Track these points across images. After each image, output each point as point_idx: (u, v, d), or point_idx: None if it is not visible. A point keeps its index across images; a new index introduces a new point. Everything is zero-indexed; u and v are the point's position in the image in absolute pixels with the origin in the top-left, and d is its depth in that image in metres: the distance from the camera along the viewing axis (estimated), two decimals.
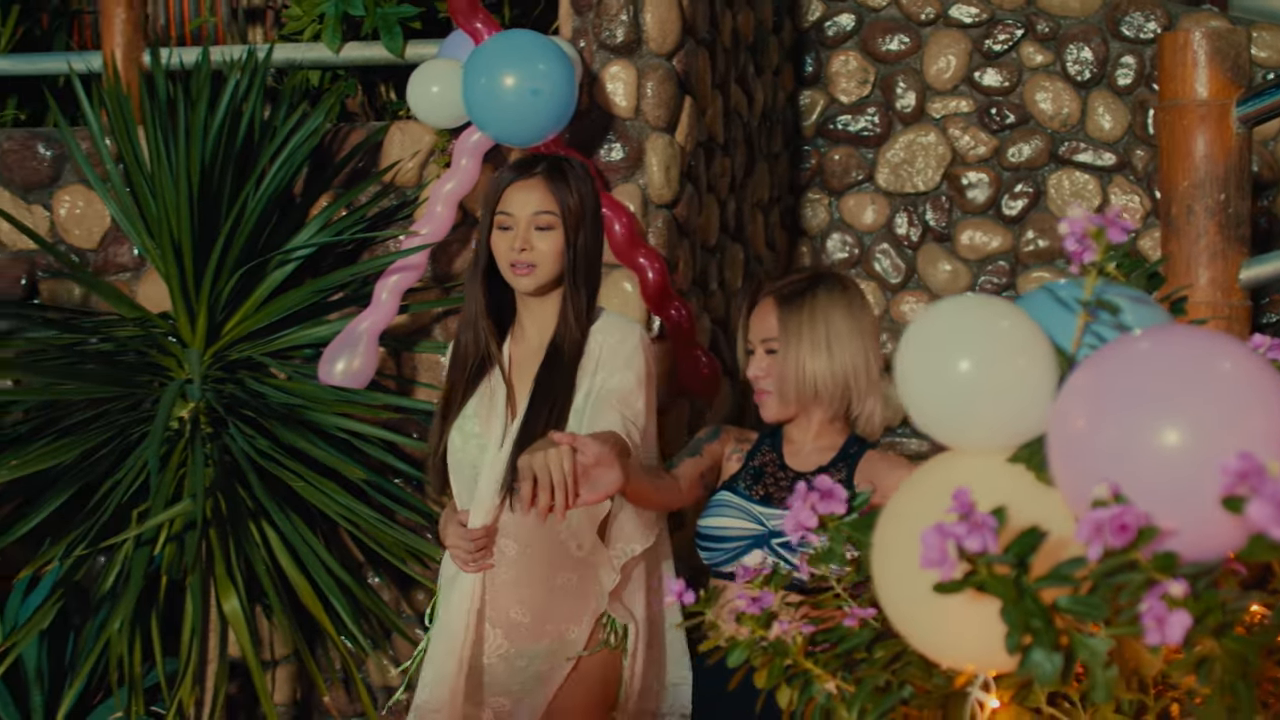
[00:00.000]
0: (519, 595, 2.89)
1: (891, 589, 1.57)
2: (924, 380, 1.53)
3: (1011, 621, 1.40)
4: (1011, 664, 1.58)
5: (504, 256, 2.86)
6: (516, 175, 2.87)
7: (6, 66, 4.54)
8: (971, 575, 1.39)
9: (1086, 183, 5.15)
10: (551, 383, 2.82)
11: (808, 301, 2.86)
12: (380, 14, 4.09)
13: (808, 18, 5.33)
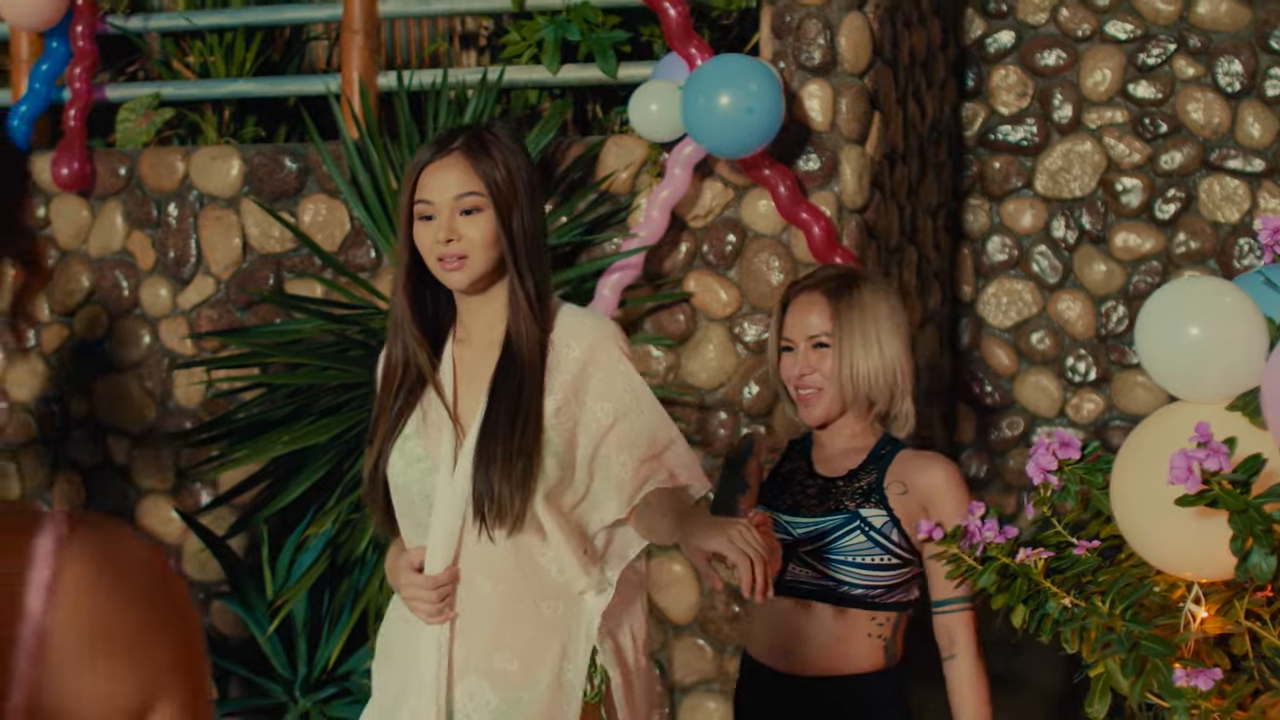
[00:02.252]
0: (502, 639, 2.43)
1: (1131, 511, 1.98)
2: (1162, 343, 1.94)
3: (1238, 528, 1.80)
4: (1227, 572, 1.98)
5: (429, 250, 2.43)
6: (432, 155, 2.46)
7: (252, 89, 5.07)
8: (1206, 491, 1.80)
9: (1237, 188, 5.47)
10: (511, 389, 2.41)
11: (858, 297, 2.75)
12: (595, 38, 4.55)
13: (970, 35, 5.71)
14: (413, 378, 2.49)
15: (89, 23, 5.12)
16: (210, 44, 5.24)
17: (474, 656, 2.43)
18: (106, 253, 5.10)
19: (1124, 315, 5.57)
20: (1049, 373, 5.65)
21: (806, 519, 2.76)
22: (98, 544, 1.05)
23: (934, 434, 5.42)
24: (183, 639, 1.07)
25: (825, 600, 2.76)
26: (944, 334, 5.57)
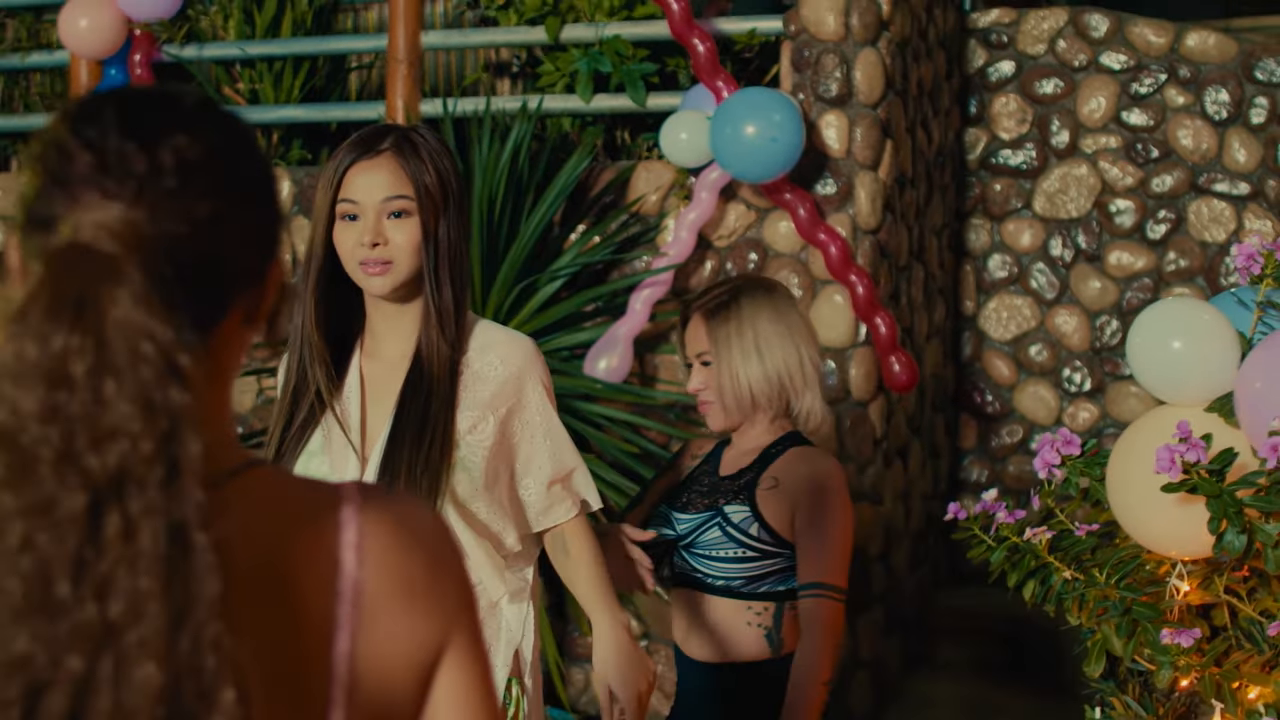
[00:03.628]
0: None
1: (1124, 497, 2.31)
2: (1149, 354, 2.27)
3: (1214, 511, 2.14)
4: (1205, 550, 2.32)
5: (351, 254, 2.32)
6: (359, 153, 2.35)
7: (301, 114, 5.41)
8: (1186, 479, 2.13)
9: (1223, 210, 5.81)
10: (418, 406, 2.34)
11: (733, 312, 2.86)
12: (625, 70, 4.89)
13: (973, 65, 6.05)
14: (313, 392, 2.38)
15: (146, 52, 5.46)
16: (260, 72, 5.57)
17: None
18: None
19: (1117, 329, 5.91)
20: (1047, 383, 5.99)
21: (687, 516, 2.89)
22: (389, 507, 1.17)
23: (939, 440, 5.75)
24: (464, 582, 1.19)
25: (701, 590, 2.89)
26: (947, 346, 5.91)
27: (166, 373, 0.97)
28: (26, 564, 0.93)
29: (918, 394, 5.26)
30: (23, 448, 0.94)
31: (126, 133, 1.04)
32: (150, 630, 0.94)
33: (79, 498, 0.94)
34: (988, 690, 5.14)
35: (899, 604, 5.14)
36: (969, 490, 6.03)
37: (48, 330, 0.96)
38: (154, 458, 0.96)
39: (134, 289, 0.98)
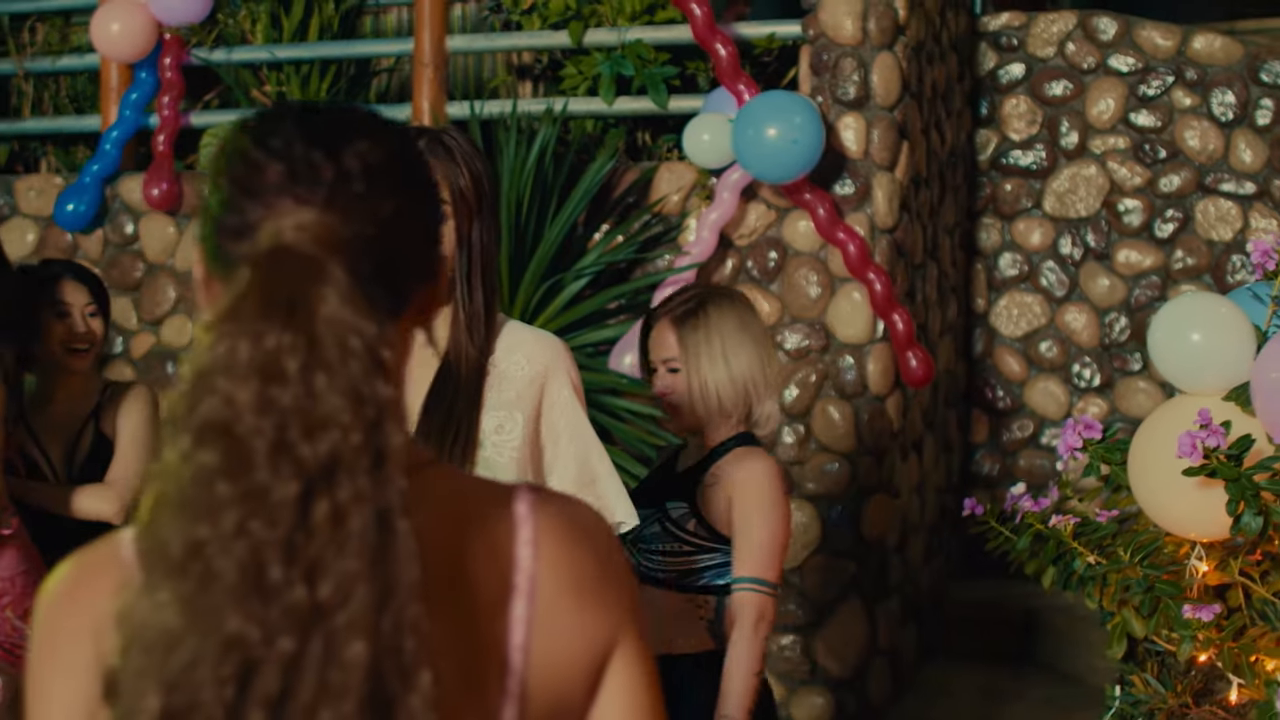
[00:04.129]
0: None
1: (1146, 481, 2.43)
2: (1170, 346, 2.39)
3: (1232, 494, 2.26)
4: (1223, 532, 2.44)
5: None
6: None
7: None
8: (1206, 464, 2.26)
9: (1229, 209, 5.93)
10: (444, 406, 2.34)
11: (701, 320, 2.92)
12: (647, 73, 5.01)
13: (984, 67, 6.17)
14: None
15: (176, 55, 5.58)
16: (287, 75, 5.69)
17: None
18: (192, 267, 5.54)
19: (1126, 326, 6.03)
20: (1056, 379, 6.11)
21: (641, 512, 2.88)
22: (561, 507, 1.20)
23: (951, 435, 5.88)
24: (631, 585, 1.21)
25: (647, 583, 2.97)
26: (959, 343, 6.03)
27: (372, 366, 1.03)
28: (241, 549, 0.98)
29: (931, 389, 5.38)
30: (239, 439, 0.99)
31: (311, 142, 1.11)
32: (358, 611, 0.98)
33: (292, 485, 0.99)
34: (1001, 679, 5.26)
35: (915, 595, 5.26)
36: (980, 484, 6.15)
37: (261, 329, 1.01)
38: (362, 447, 1.01)
39: (340, 288, 1.04)
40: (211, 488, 0.99)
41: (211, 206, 1.13)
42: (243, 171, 1.11)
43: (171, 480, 1.00)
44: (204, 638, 0.97)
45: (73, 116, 6.04)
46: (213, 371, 1.01)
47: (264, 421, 0.99)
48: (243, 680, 0.97)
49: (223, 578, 0.98)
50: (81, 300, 3.44)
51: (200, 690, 0.97)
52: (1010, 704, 5.02)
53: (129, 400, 3.47)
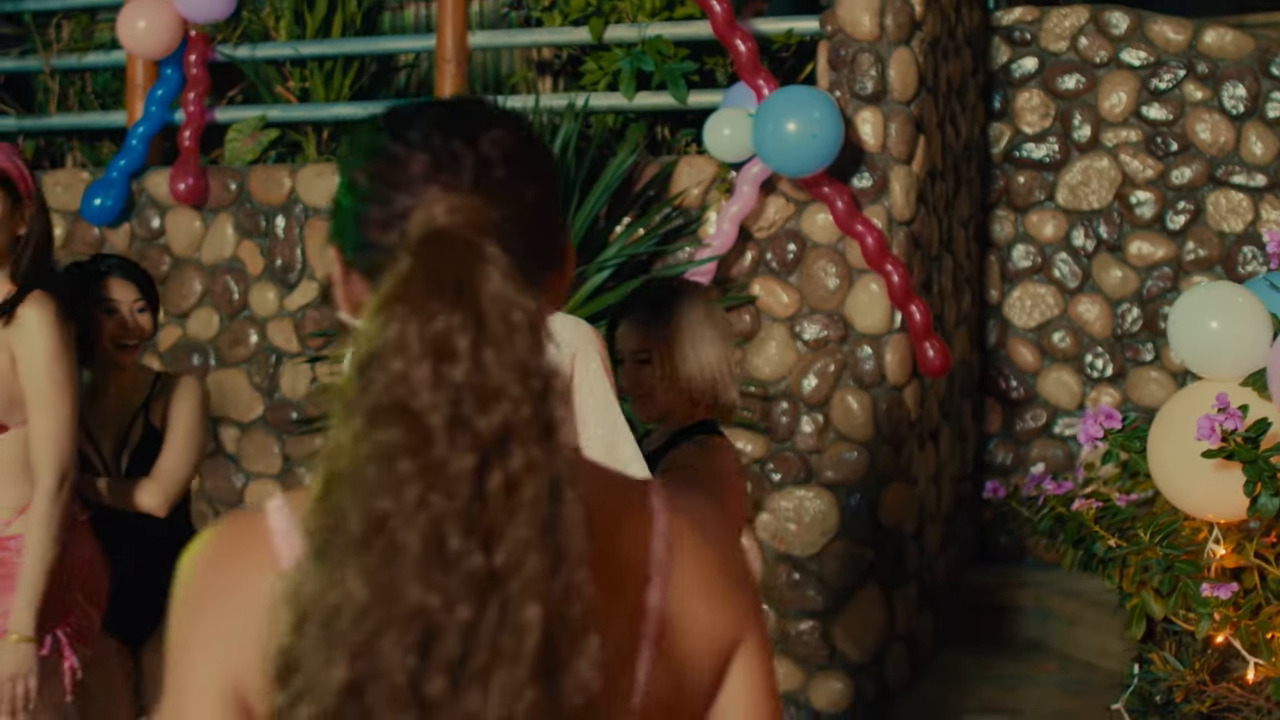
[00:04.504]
0: None
1: (1166, 464, 2.51)
2: (1189, 333, 2.47)
3: (1249, 475, 2.34)
4: (1240, 514, 2.52)
5: None
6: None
7: (352, 111, 5.61)
8: (1225, 446, 2.33)
9: (1241, 201, 6.01)
10: None
11: (672, 313, 2.98)
12: (667, 69, 5.09)
13: (997, 61, 6.25)
14: None
15: (202, 52, 5.66)
16: (311, 70, 5.77)
17: None
18: (218, 260, 5.64)
19: (1138, 317, 6.10)
20: (1069, 369, 6.18)
21: None
22: (689, 507, 1.23)
23: (965, 424, 5.95)
24: (754, 590, 1.24)
25: None
26: (973, 334, 6.11)
27: (535, 340, 1.06)
28: (423, 521, 1.01)
29: (947, 379, 5.46)
30: (417, 415, 1.02)
31: (449, 132, 1.15)
32: (531, 576, 1.02)
33: (469, 458, 1.02)
34: (1016, 664, 5.34)
35: (931, 582, 5.34)
36: (994, 473, 6.23)
37: (431, 310, 1.04)
38: (532, 418, 1.04)
39: (500, 266, 1.07)
40: (392, 464, 1.02)
41: (348, 203, 1.18)
42: (386, 165, 1.15)
43: (345, 459, 1.03)
44: (388, 608, 1.01)
45: (99, 112, 6.12)
46: (385, 353, 1.04)
47: (439, 397, 1.02)
48: (424, 648, 1.00)
49: (406, 550, 1.01)
50: (130, 297, 3.51)
51: (384, 659, 1.00)
52: (1025, 688, 5.10)
53: (179, 393, 3.54)
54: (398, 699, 1.00)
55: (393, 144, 1.16)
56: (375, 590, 1.01)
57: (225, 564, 1.17)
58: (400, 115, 1.19)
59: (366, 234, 1.16)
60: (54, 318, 3.10)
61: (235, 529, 1.20)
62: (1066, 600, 5.56)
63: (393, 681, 1.00)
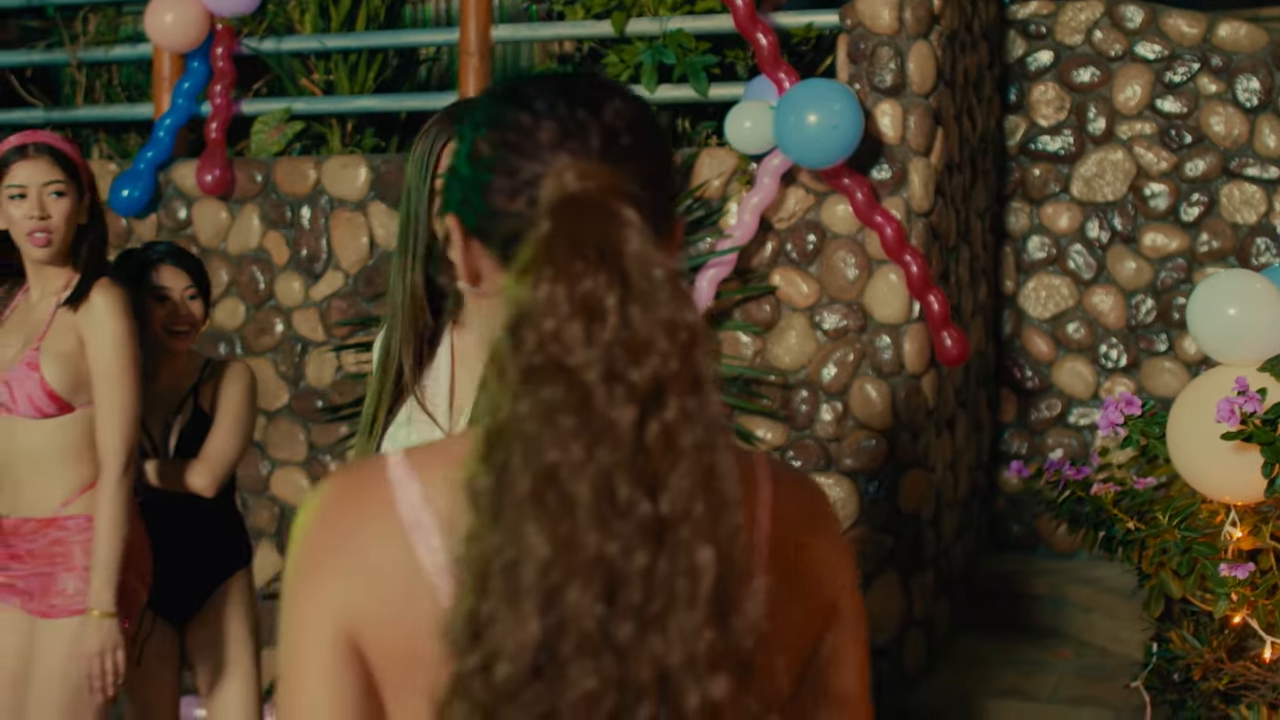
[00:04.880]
0: None
1: (1185, 446, 2.58)
2: (1208, 319, 2.54)
3: (1268, 456, 2.41)
4: (1258, 495, 2.59)
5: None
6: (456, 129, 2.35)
7: (377, 104, 5.69)
8: (1243, 428, 2.41)
9: (1254, 193, 6.06)
10: None
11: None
12: (688, 62, 5.16)
13: (1013, 54, 6.31)
14: (404, 370, 2.41)
15: (228, 45, 5.74)
16: (335, 63, 5.85)
17: None
18: (244, 250, 5.72)
19: (1152, 308, 6.17)
20: (1084, 359, 6.25)
21: None
22: (792, 479, 1.26)
23: (981, 414, 6.02)
24: (851, 565, 1.27)
25: None
26: (989, 324, 6.17)
27: (677, 295, 1.09)
28: (592, 472, 1.04)
29: (964, 368, 5.53)
30: (573, 372, 1.06)
31: (574, 102, 1.19)
32: (699, 521, 1.05)
33: (629, 410, 1.05)
34: (1031, 650, 5.41)
35: (948, 568, 5.42)
36: (1009, 462, 6.29)
37: (577, 270, 1.07)
38: (682, 370, 1.07)
39: (636, 227, 1.10)
40: (556, 420, 1.05)
41: (471, 172, 1.21)
42: (514, 134, 1.19)
43: (506, 417, 1.07)
44: (570, 560, 1.03)
45: (125, 105, 6.20)
46: (535, 313, 1.07)
47: (593, 354, 1.05)
48: (609, 595, 1.03)
49: (580, 502, 1.04)
50: (181, 284, 3.60)
51: (572, 609, 1.03)
52: (1040, 674, 5.17)
53: (228, 377, 3.63)
54: (589, 647, 1.03)
55: (520, 113, 1.19)
56: (556, 543, 1.04)
57: (343, 515, 1.20)
58: (524, 86, 1.22)
59: (493, 201, 1.20)
60: (122, 304, 3.23)
61: (354, 480, 1.23)
62: (1082, 587, 5.62)
63: (583, 630, 1.03)
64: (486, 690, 1.04)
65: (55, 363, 3.21)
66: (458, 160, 1.24)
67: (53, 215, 3.23)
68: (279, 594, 4.45)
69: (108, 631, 3.15)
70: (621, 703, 1.03)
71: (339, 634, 1.16)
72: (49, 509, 3.25)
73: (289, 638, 1.19)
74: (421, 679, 1.14)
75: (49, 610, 3.23)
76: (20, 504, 3.27)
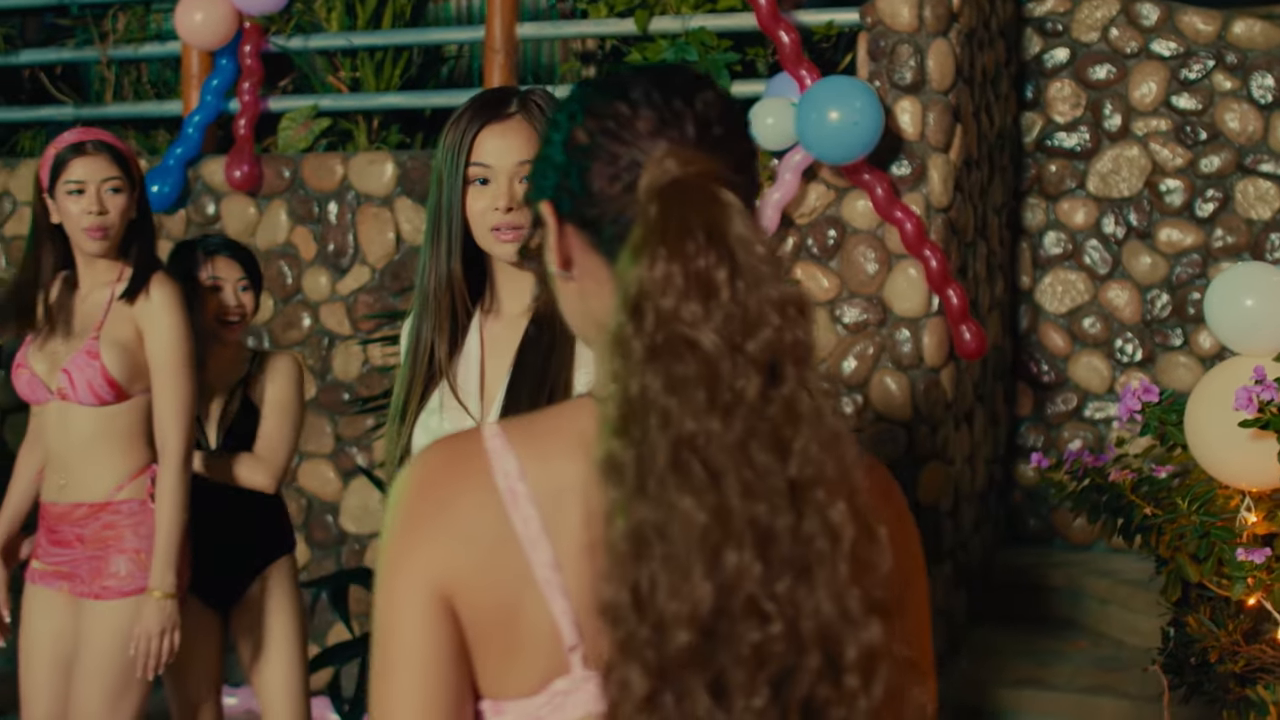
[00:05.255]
0: None
1: (1203, 433, 2.66)
2: (1225, 310, 2.62)
3: None
4: (1273, 482, 2.66)
5: (482, 217, 2.31)
6: (489, 116, 2.33)
7: (403, 101, 5.77)
8: (1261, 416, 2.48)
9: (1269, 189, 6.13)
10: (536, 361, 2.35)
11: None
12: (710, 59, 5.24)
13: (1029, 52, 6.38)
14: (437, 356, 2.38)
15: (256, 43, 5.83)
16: (361, 61, 5.94)
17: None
18: (272, 245, 5.81)
19: (1167, 303, 6.23)
20: (1099, 354, 6.32)
21: None
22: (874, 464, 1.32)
23: (998, 408, 6.10)
24: (918, 546, 1.34)
25: None
26: (1005, 319, 6.24)
27: (779, 271, 1.16)
28: (730, 441, 1.11)
29: (981, 362, 5.61)
30: (697, 345, 1.12)
31: (669, 93, 1.26)
32: (831, 481, 1.12)
33: (754, 380, 1.12)
34: (1048, 641, 5.48)
35: (966, 560, 5.49)
36: (1025, 455, 6.36)
37: (689, 250, 1.14)
38: (793, 341, 1.14)
39: (738, 209, 1.17)
40: (687, 393, 1.11)
41: (567, 159, 1.27)
42: (613, 123, 1.25)
43: (636, 392, 1.12)
44: (725, 524, 1.10)
45: (154, 102, 6.29)
46: (654, 292, 1.13)
47: (713, 329, 1.12)
48: (764, 554, 1.10)
49: (725, 470, 1.10)
50: (234, 275, 3.69)
51: (734, 571, 1.09)
52: (1057, 664, 5.24)
53: (276, 369, 3.72)
54: (754, 606, 1.09)
55: (618, 103, 1.25)
56: (709, 510, 1.09)
57: (442, 483, 1.26)
58: (619, 79, 1.28)
59: (592, 186, 1.26)
60: (179, 298, 3.35)
61: (453, 450, 1.28)
62: (1098, 580, 5.69)
63: (747, 590, 1.09)
64: (659, 655, 1.09)
65: (114, 352, 3.32)
66: (550, 148, 1.30)
67: (110, 211, 3.34)
68: (308, 583, 4.51)
69: (168, 612, 3.26)
70: (787, 656, 1.10)
71: (435, 593, 1.22)
72: (102, 494, 3.36)
73: (386, 596, 1.24)
74: (508, 640, 1.22)
75: (101, 592, 3.33)
76: (72, 490, 3.38)
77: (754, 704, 1.09)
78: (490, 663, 1.24)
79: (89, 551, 3.35)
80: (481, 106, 2.33)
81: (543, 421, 1.30)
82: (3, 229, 6.18)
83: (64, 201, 3.34)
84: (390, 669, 1.23)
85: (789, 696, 1.11)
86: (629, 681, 1.10)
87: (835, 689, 1.11)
